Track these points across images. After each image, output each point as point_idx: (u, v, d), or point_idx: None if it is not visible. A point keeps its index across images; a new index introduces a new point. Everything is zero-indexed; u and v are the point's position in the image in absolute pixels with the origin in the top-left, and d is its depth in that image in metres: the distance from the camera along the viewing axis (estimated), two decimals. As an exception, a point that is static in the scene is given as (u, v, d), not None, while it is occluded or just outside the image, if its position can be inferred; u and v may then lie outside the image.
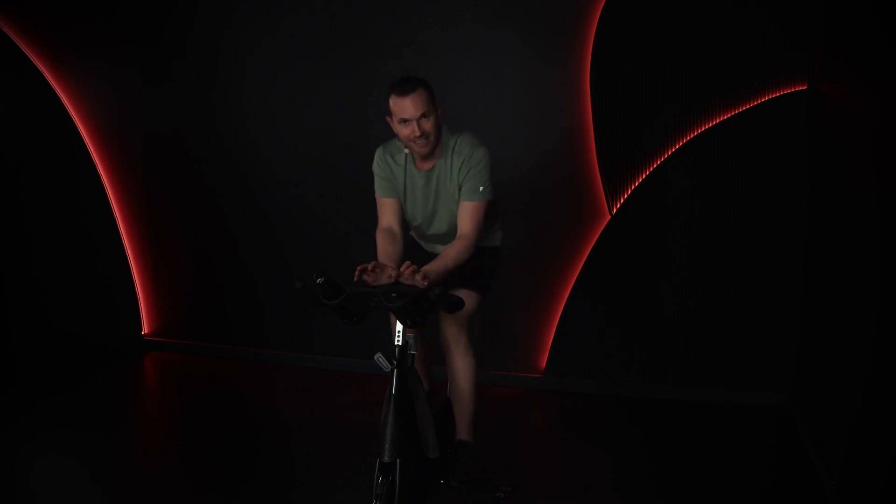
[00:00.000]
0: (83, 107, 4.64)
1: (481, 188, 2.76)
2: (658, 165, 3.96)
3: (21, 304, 4.85)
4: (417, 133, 2.66)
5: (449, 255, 2.70)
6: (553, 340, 4.20)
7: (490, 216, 2.96)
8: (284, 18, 4.28)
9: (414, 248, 3.13)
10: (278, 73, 4.35)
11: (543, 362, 4.25)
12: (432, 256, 2.86)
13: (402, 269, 2.49)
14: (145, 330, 4.85)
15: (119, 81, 4.58)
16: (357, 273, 2.49)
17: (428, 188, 2.83)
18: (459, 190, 2.79)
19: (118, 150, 4.66)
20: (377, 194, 2.90)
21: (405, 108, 2.64)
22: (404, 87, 2.65)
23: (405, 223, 3.00)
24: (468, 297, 2.85)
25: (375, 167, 2.89)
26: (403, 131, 2.69)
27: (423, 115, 2.65)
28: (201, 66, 4.44)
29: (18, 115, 4.72)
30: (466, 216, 2.77)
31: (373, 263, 2.53)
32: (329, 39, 4.24)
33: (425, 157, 2.81)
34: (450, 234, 2.92)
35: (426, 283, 2.50)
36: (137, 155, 4.64)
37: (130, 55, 4.52)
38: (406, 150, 2.83)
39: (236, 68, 4.40)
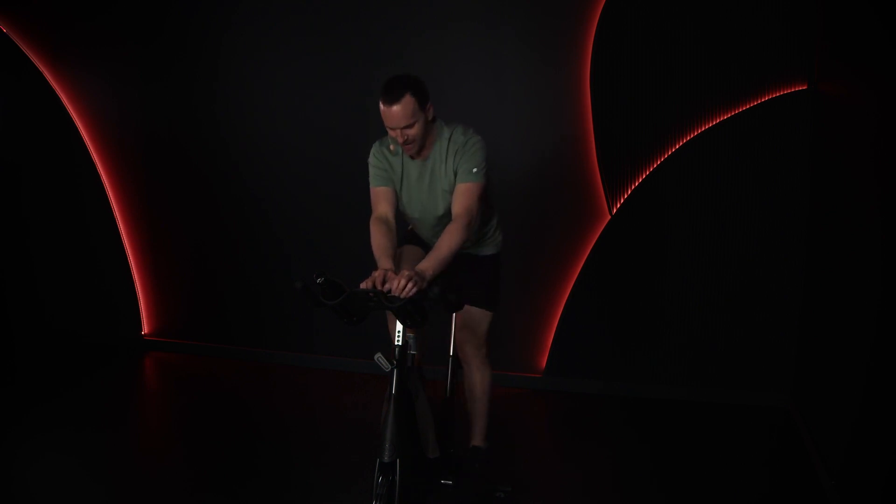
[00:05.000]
0: (83, 107, 4.64)
1: (474, 170, 2.78)
2: (658, 165, 3.96)
3: (21, 304, 4.85)
4: (401, 140, 2.72)
5: (442, 244, 2.69)
6: (553, 340, 4.21)
7: (487, 217, 2.98)
8: (284, 18, 4.28)
9: (415, 239, 3.13)
10: (278, 72, 4.35)
11: (543, 362, 4.25)
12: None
13: (396, 285, 2.47)
14: (145, 330, 4.85)
15: (119, 81, 4.58)
16: (370, 283, 2.50)
17: (422, 178, 2.86)
18: (455, 176, 2.81)
19: (118, 150, 4.66)
20: (372, 184, 2.93)
21: (390, 117, 2.69)
22: (391, 95, 2.67)
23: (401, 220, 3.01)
24: (482, 316, 3.00)
25: (372, 158, 2.93)
26: (391, 133, 2.75)
27: (408, 126, 2.69)
28: (201, 65, 4.45)
29: (18, 115, 4.72)
30: (459, 197, 2.79)
31: (381, 272, 2.53)
32: (329, 39, 4.24)
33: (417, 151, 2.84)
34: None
35: (424, 284, 2.50)
36: (137, 155, 4.64)
37: (130, 55, 4.52)
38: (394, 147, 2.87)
39: (236, 68, 4.40)
